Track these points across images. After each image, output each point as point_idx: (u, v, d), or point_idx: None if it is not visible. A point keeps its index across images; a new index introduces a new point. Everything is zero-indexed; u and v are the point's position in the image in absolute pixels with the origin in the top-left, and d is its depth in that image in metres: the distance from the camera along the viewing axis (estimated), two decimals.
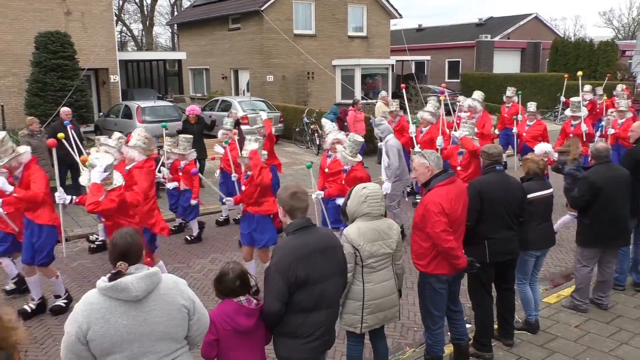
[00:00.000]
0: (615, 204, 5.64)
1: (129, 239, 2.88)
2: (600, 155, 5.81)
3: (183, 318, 2.90)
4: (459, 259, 4.31)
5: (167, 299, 2.85)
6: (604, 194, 5.60)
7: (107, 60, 20.18)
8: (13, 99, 18.10)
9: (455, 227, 4.32)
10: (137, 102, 17.06)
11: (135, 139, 6.61)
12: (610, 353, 5.09)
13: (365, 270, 4.02)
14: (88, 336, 2.69)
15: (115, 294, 2.71)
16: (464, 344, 4.80)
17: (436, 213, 4.21)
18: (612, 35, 49.34)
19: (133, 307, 2.74)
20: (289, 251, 3.46)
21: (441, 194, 4.29)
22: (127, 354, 2.74)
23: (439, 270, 4.42)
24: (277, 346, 3.59)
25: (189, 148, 8.60)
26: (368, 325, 4.17)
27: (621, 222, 5.74)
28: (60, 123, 10.70)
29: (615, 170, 5.78)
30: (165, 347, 2.85)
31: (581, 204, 5.75)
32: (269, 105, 19.04)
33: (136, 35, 51.28)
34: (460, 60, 33.59)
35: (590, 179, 5.67)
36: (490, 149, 5.17)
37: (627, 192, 5.73)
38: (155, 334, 2.79)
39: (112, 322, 2.70)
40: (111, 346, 2.71)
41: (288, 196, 3.57)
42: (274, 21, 22.98)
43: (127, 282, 2.71)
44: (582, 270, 5.89)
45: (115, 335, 2.70)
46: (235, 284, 3.40)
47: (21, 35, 18.17)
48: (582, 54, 29.26)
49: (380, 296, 4.11)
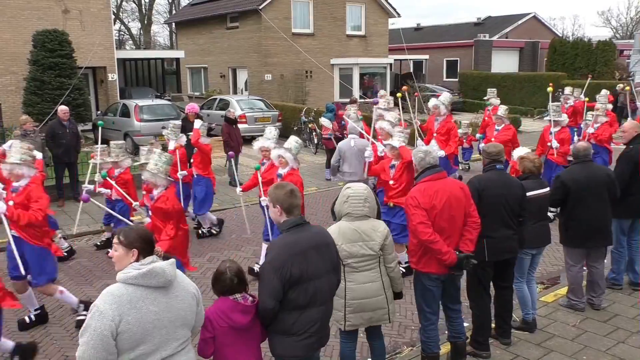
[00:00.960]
0: (586, 204, 5.63)
1: (143, 232, 3.03)
2: (578, 154, 5.87)
3: (194, 305, 3.06)
4: (444, 255, 4.32)
5: (185, 287, 3.02)
6: (574, 193, 5.64)
7: (105, 59, 20.13)
8: (11, 98, 18.06)
9: (439, 222, 4.34)
10: (135, 101, 17.04)
11: (20, 153, 5.70)
12: (607, 352, 5.10)
13: (347, 269, 4.09)
14: (120, 328, 2.70)
15: (148, 280, 2.81)
16: (461, 342, 4.81)
17: (412, 206, 4.36)
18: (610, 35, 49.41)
19: (161, 293, 2.86)
20: (283, 249, 3.47)
21: (420, 189, 4.43)
22: (156, 341, 2.82)
23: (427, 268, 4.47)
24: (272, 344, 3.60)
25: (121, 155, 7.80)
26: (352, 324, 4.21)
27: (596, 222, 5.69)
28: (58, 122, 10.70)
29: (592, 171, 5.77)
30: (183, 333, 2.98)
31: (553, 202, 5.84)
32: (267, 104, 19.03)
33: (134, 34, 51.23)
34: (458, 60, 33.59)
35: (561, 178, 5.76)
36: (490, 147, 5.20)
37: (603, 193, 5.69)
38: (178, 320, 2.92)
39: (144, 309, 2.78)
40: (143, 335, 2.77)
41: (286, 194, 3.56)
42: (272, 20, 22.97)
43: (162, 266, 2.86)
44: (571, 270, 5.93)
45: (147, 323, 2.78)
46: (233, 282, 3.43)
47: (19, 34, 18.12)
48: (581, 53, 29.28)
49: (363, 297, 4.14)
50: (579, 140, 9.71)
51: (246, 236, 8.87)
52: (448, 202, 4.38)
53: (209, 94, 24.26)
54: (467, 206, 4.51)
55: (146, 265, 2.86)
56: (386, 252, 4.21)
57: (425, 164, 4.53)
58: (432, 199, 4.35)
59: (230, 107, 16.78)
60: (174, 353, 2.90)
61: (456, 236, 4.47)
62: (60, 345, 5.56)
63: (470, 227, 4.51)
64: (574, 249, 5.87)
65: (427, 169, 4.51)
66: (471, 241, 4.52)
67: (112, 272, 7.23)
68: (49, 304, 6.41)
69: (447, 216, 4.38)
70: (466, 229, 4.51)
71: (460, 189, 4.52)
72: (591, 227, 5.70)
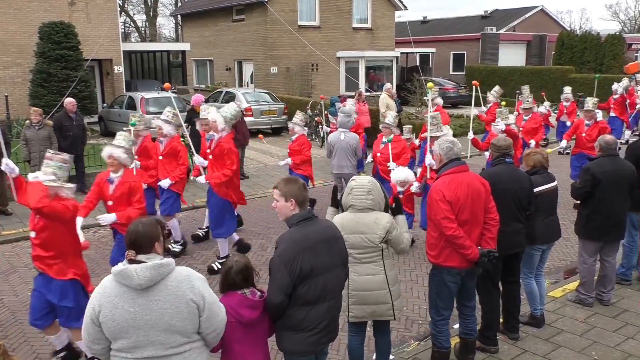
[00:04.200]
0: (612, 198, 5.61)
1: (139, 228, 2.95)
2: (609, 147, 5.78)
3: (191, 313, 2.89)
4: (467, 249, 4.28)
5: (175, 292, 2.86)
6: (603, 187, 5.59)
7: (111, 51, 20.12)
8: (17, 90, 18.08)
9: (461, 216, 4.30)
10: (140, 93, 17.05)
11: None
12: (616, 347, 5.06)
13: (350, 260, 4.03)
14: (100, 318, 2.81)
15: (122, 280, 2.81)
16: (471, 339, 4.78)
17: (437, 200, 4.29)
18: (618, 29, 49.00)
19: (139, 295, 2.81)
20: (293, 243, 3.44)
21: (444, 182, 4.36)
22: (132, 340, 2.82)
23: (449, 262, 4.39)
24: (281, 340, 3.57)
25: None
26: (355, 316, 4.21)
27: (615, 216, 5.68)
28: (65, 114, 10.70)
29: (619, 165, 5.74)
30: (171, 339, 2.87)
31: (581, 194, 5.77)
32: (273, 97, 18.98)
33: (140, 26, 51.15)
34: (465, 53, 33.41)
35: (592, 170, 5.67)
36: (499, 141, 5.16)
37: (626, 188, 5.67)
38: (160, 324, 2.83)
39: (120, 307, 2.79)
40: (118, 330, 2.81)
41: (299, 188, 3.54)
42: (278, 12, 22.87)
43: (131, 269, 2.80)
44: (585, 262, 5.89)
45: (121, 320, 2.79)
46: (238, 277, 3.39)
47: (25, 26, 18.12)
48: (589, 47, 29.04)
49: (365, 289, 4.13)
50: None
51: (253, 229, 8.86)
52: (471, 196, 4.34)
53: (215, 87, 24.23)
54: (487, 202, 4.46)
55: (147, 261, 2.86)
56: (394, 244, 4.18)
57: (452, 155, 4.47)
58: (457, 191, 4.29)
59: (236, 99, 16.75)
60: (161, 356, 2.85)
61: (477, 231, 4.42)
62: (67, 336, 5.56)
63: (490, 225, 4.46)
64: (591, 242, 5.81)
65: (451, 161, 4.46)
66: (492, 239, 4.47)
67: None
68: None
69: (470, 210, 4.34)
70: (485, 227, 4.45)
71: (482, 184, 4.46)
72: (612, 221, 5.67)
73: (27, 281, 6.90)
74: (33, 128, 9.95)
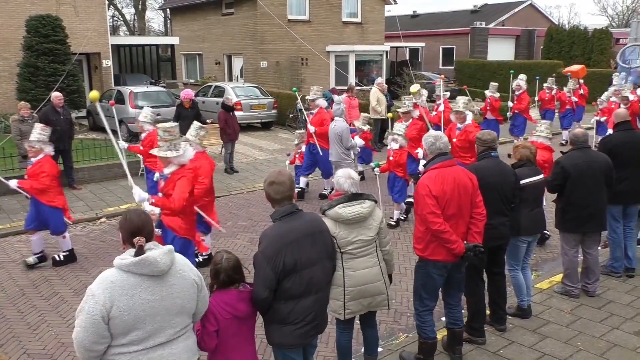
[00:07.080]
0: (585, 190, 5.68)
1: (143, 217, 2.98)
2: (577, 140, 5.91)
3: (194, 293, 3.01)
4: (452, 244, 4.31)
5: (183, 275, 2.96)
6: (574, 179, 5.68)
7: (99, 45, 19.95)
8: (4, 84, 17.91)
9: (448, 210, 4.33)
10: (129, 87, 16.94)
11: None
12: (602, 338, 5.14)
13: (345, 257, 4.05)
14: (111, 314, 2.72)
15: (141, 269, 2.78)
16: (458, 329, 4.82)
17: (423, 195, 4.32)
18: (606, 23, 49.30)
19: (156, 282, 2.82)
20: (275, 238, 3.45)
21: (430, 177, 4.37)
22: (148, 328, 2.81)
23: (435, 256, 4.42)
24: (269, 333, 3.60)
25: None
26: (351, 312, 4.19)
27: (591, 207, 5.74)
28: (52, 108, 10.61)
29: (592, 157, 5.83)
30: (181, 321, 2.95)
31: (553, 187, 5.87)
32: (263, 91, 18.93)
33: (128, 20, 50.75)
34: (454, 47, 33.48)
35: (562, 163, 5.78)
36: (484, 135, 5.20)
37: (601, 179, 5.74)
38: (174, 308, 2.89)
39: (137, 297, 2.76)
40: (134, 322, 2.77)
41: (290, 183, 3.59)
42: (268, 6, 22.78)
43: (154, 256, 2.80)
44: (567, 254, 5.98)
45: (139, 310, 2.76)
46: (234, 273, 3.39)
47: (12, 19, 17.92)
48: (577, 41, 29.22)
49: (362, 283, 4.11)
50: None
51: (242, 223, 8.86)
52: (457, 191, 4.36)
53: (204, 81, 24.11)
54: (474, 196, 4.49)
55: (139, 255, 2.80)
56: (381, 236, 4.21)
57: (435, 149, 4.48)
58: (443, 185, 4.31)
59: (225, 94, 16.68)
60: (170, 340, 2.89)
61: (463, 225, 4.45)
62: (56, 332, 5.55)
63: (476, 220, 4.49)
64: (569, 234, 5.91)
65: (437, 156, 4.48)
66: (478, 234, 4.50)
67: (107, 260, 7.24)
68: (46, 291, 6.43)
69: (456, 204, 4.36)
70: (472, 222, 4.48)
71: (469, 179, 4.47)
72: (588, 213, 5.74)
73: (14, 277, 6.88)
74: (27, 122, 9.92)
